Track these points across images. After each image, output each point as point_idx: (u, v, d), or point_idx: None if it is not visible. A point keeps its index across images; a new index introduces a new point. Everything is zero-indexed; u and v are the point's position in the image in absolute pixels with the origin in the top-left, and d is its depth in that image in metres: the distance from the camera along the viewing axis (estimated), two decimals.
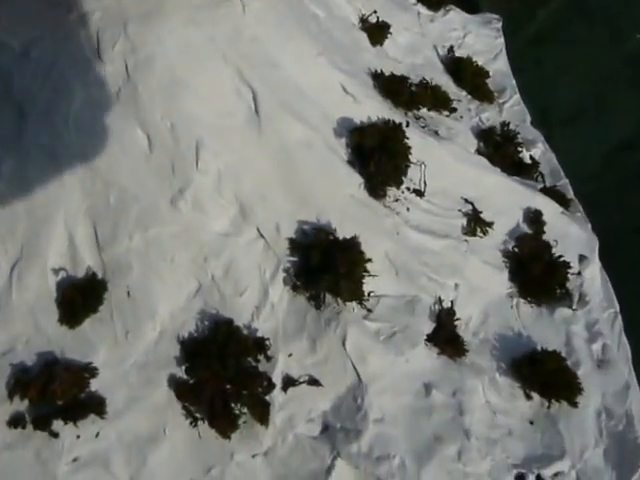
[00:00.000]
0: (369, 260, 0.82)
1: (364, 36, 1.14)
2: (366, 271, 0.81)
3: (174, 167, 0.78)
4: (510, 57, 1.52)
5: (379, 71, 0.99)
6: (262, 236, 0.82)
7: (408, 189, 0.89)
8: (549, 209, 1.01)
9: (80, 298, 0.79)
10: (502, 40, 1.47)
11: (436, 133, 1.01)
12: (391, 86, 0.97)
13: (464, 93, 1.32)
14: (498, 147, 1.16)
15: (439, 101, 1.17)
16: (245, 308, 0.81)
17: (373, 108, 0.90)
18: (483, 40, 1.44)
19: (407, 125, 0.91)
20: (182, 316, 0.80)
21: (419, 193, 0.89)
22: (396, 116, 0.91)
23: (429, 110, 1.16)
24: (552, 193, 1.10)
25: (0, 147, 0.77)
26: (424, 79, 1.17)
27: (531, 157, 1.18)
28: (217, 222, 0.80)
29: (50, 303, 0.80)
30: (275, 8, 0.87)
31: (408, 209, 0.88)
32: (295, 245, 0.83)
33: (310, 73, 0.86)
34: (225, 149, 0.79)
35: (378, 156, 0.84)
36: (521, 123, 1.31)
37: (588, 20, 1.71)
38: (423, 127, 1.00)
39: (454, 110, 1.20)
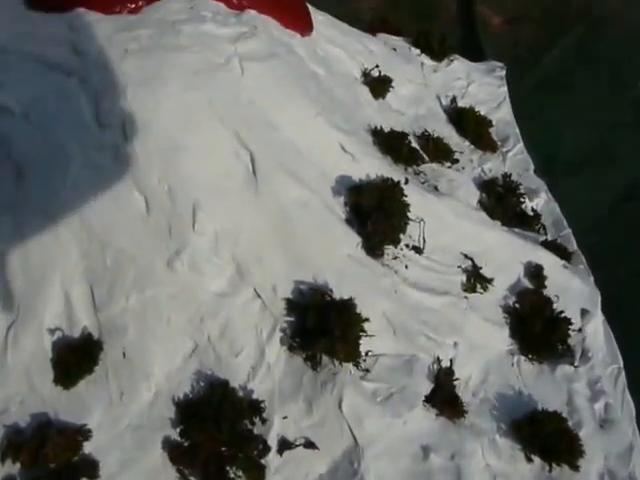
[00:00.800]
0: (366, 320, 0.82)
1: (366, 90, 1.15)
2: (363, 331, 0.80)
3: (171, 229, 0.78)
4: (515, 104, 1.52)
5: (379, 127, 0.99)
6: (259, 296, 0.82)
7: (407, 246, 0.89)
8: (550, 263, 1.00)
9: (75, 359, 0.79)
10: (505, 89, 1.48)
11: (436, 188, 1.01)
12: (391, 143, 0.97)
13: (467, 143, 1.32)
14: (500, 198, 1.16)
15: (441, 153, 1.17)
16: (241, 369, 0.80)
17: (372, 166, 0.90)
18: (486, 89, 1.45)
19: (406, 182, 0.91)
20: (177, 377, 0.80)
21: (418, 250, 0.89)
22: (395, 173, 0.91)
23: (431, 162, 1.16)
24: (554, 246, 1.09)
25: None
26: (426, 131, 1.17)
27: (533, 209, 1.17)
28: (214, 282, 0.80)
29: (45, 363, 0.79)
30: (274, 71, 0.88)
31: (407, 266, 0.88)
32: (292, 305, 0.83)
33: (308, 133, 0.87)
34: (222, 211, 0.80)
35: (376, 216, 0.84)
36: (524, 172, 1.31)
37: (592, 67, 1.72)
38: (423, 183, 1.00)
39: (456, 161, 1.20)
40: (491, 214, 1.17)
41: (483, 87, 1.52)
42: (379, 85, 1.17)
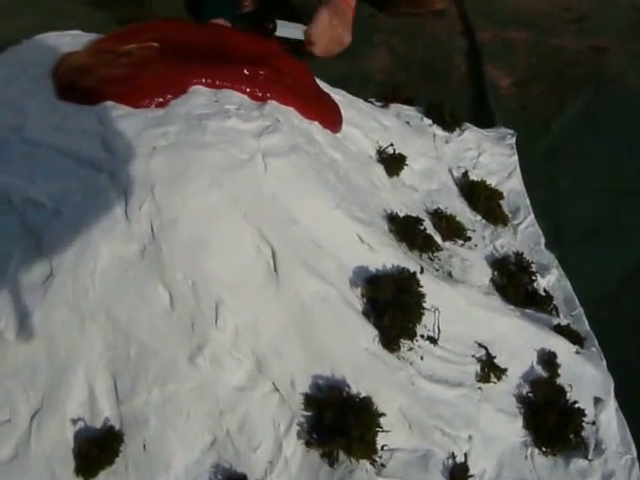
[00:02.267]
0: (383, 414, 0.83)
1: (381, 169, 1.18)
2: (379, 427, 0.82)
3: (194, 324, 0.81)
4: (524, 172, 1.53)
5: (394, 212, 1.02)
6: (277, 390, 0.84)
7: (422, 336, 0.91)
8: (563, 349, 1.01)
9: (97, 451, 0.80)
10: (516, 158, 1.50)
11: (450, 275, 1.04)
12: (406, 230, 1.00)
13: (478, 217, 1.35)
14: (512, 277, 1.17)
15: (454, 231, 1.20)
16: (259, 463, 0.81)
17: (388, 255, 0.92)
18: (497, 159, 1.48)
19: (421, 272, 0.94)
20: (196, 469, 0.81)
21: (433, 340, 0.90)
22: (411, 262, 0.93)
23: (444, 241, 1.19)
24: (567, 331, 1.10)
25: (29, 299, 0.80)
26: (439, 209, 1.20)
27: (545, 291, 1.19)
28: (233, 376, 0.81)
29: (67, 453, 0.81)
30: (295, 164, 0.91)
31: (422, 357, 0.89)
32: (310, 400, 0.84)
33: (328, 226, 0.89)
34: (243, 306, 0.82)
35: (393, 311, 0.86)
36: (535, 246, 1.33)
37: (602, 131, 1.73)
38: (437, 270, 1.02)
39: (469, 239, 1.23)
40: (504, 293, 1.19)
41: (494, 157, 1.55)
42: (394, 164, 1.20)
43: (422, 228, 0.97)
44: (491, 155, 1.47)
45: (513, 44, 2.06)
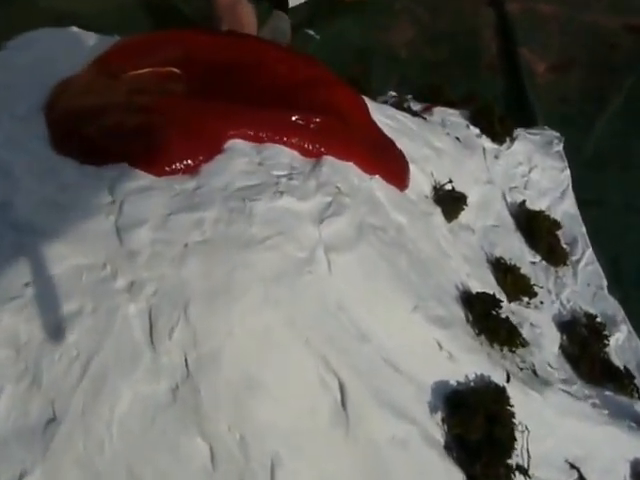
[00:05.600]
0: None
1: (439, 216, 0.96)
2: None
3: None
4: (572, 186, 1.33)
5: (467, 288, 0.81)
6: None
7: (510, 467, 0.74)
8: None
9: None
10: (568, 173, 1.28)
11: (535, 373, 0.84)
12: (486, 321, 0.80)
13: (538, 258, 1.14)
14: (585, 346, 0.98)
15: (520, 288, 1.00)
16: None
17: (470, 363, 0.72)
18: (549, 174, 1.26)
19: (508, 380, 0.75)
20: None
21: (523, 471, 0.73)
22: (495, 368, 0.74)
23: (510, 301, 0.99)
24: None
25: (26, 452, 0.60)
26: (502, 259, 0.99)
27: (625, 368, 1.00)
28: None
29: None
30: (364, 258, 0.69)
31: None
32: None
33: (404, 337, 0.69)
34: (305, 460, 0.62)
35: (487, 458, 0.67)
36: (598, 290, 1.14)
37: None
38: (521, 368, 0.83)
39: (535, 295, 1.03)
40: (576, 365, 1.01)
41: (545, 172, 1.32)
42: (453, 207, 0.98)
43: (504, 317, 0.77)
44: (542, 170, 1.25)
45: (544, 20, 1.79)
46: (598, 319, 0.97)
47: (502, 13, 1.81)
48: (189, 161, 0.63)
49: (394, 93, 1.30)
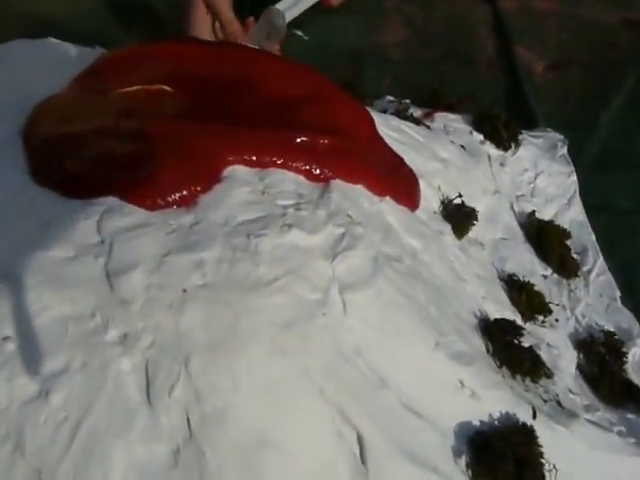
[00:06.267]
0: None
1: (450, 234, 0.90)
2: None
3: None
4: (579, 192, 1.28)
5: (485, 314, 0.76)
6: None
7: None
8: None
9: None
10: (575, 178, 1.23)
11: (559, 404, 0.79)
12: (509, 355, 0.74)
13: (549, 271, 1.09)
14: (604, 366, 0.93)
15: (535, 307, 0.94)
16: None
17: (494, 401, 0.66)
18: (555, 180, 1.20)
19: (534, 417, 0.69)
20: None
21: None
22: (520, 403, 0.69)
23: (525, 321, 0.94)
24: None
25: None
26: (515, 276, 0.93)
27: None
28: None
29: None
30: (381, 294, 0.62)
31: None
32: None
33: (425, 379, 0.62)
34: None
35: None
36: (611, 302, 1.08)
37: None
38: (545, 400, 0.78)
39: (550, 313, 0.98)
40: (596, 387, 0.96)
41: (552, 178, 1.26)
42: (463, 224, 0.92)
43: (527, 346, 0.72)
44: (549, 176, 1.19)
45: (541, 17, 1.74)
46: (616, 336, 0.92)
47: (497, 10, 1.76)
48: (185, 192, 0.56)
49: (391, 98, 1.24)
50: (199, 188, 0.56)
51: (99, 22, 1.38)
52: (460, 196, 0.89)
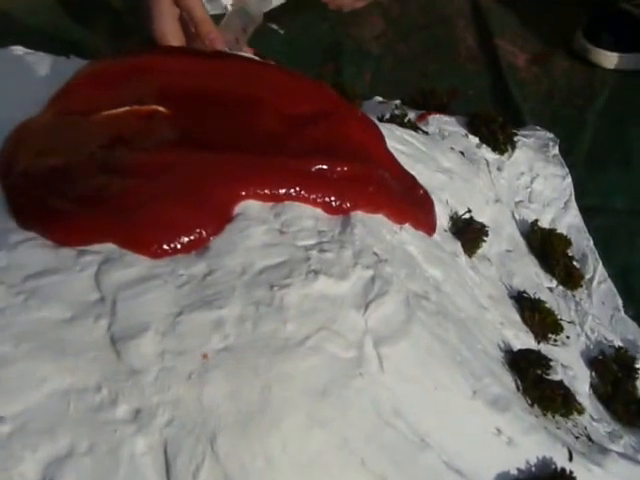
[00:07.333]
0: None
1: (461, 254, 0.84)
2: None
3: None
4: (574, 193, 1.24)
5: (509, 345, 0.71)
6: None
7: None
8: None
9: None
10: (570, 180, 1.19)
11: (590, 439, 0.75)
12: (540, 390, 0.69)
13: (554, 283, 1.05)
14: (618, 385, 0.90)
15: (548, 327, 0.90)
16: None
17: (530, 446, 0.61)
18: (551, 183, 1.16)
19: (570, 459, 0.65)
20: None
21: None
22: (555, 445, 0.64)
23: (538, 342, 0.89)
24: None
25: None
26: (525, 294, 0.88)
27: None
28: None
29: None
30: (417, 343, 0.56)
31: None
32: None
33: (464, 432, 0.56)
34: None
35: None
36: (615, 312, 1.05)
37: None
38: (577, 436, 0.74)
39: (561, 330, 0.94)
40: (610, 407, 0.93)
41: (548, 181, 1.22)
42: (473, 242, 0.87)
43: (558, 380, 0.68)
44: (545, 179, 1.15)
45: (519, 7, 1.70)
46: (627, 352, 0.89)
47: (476, 1, 1.71)
48: (194, 235, 0.49)
49: (380, 98, 1.18)
50: (210, 229, 0.49)
51: (55, 15, 1.28)
52: (469, 211, 0.84)
